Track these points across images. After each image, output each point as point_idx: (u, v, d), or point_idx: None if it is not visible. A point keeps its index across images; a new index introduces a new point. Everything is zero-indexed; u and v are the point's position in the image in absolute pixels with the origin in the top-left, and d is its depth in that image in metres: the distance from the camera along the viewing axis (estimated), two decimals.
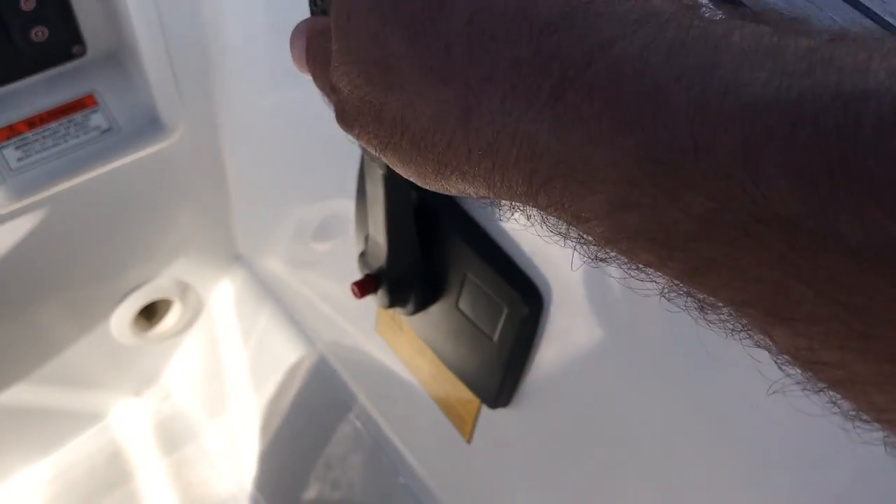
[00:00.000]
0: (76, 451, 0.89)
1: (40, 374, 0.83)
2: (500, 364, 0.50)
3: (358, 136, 0.25)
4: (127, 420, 0.92)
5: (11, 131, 0.67)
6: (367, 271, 0.53)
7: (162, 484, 0.88)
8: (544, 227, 0.22)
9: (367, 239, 0.53)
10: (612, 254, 0.19)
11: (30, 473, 0.88)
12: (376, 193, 0.45)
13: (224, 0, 0.63)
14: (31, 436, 0.88)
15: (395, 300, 0.53)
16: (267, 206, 0.79)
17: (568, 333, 0.47)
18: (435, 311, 0.54)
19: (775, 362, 0.18)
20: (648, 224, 0.17)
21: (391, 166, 0.25)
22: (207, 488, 0.87)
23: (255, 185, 0.78)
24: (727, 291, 0.17)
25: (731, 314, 0.18)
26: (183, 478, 0.88)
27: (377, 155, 0.25)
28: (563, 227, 0.21)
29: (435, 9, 0.21)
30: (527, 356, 0.50)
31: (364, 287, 0.52)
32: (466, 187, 0.22)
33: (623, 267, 0.20)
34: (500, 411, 0.55)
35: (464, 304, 0.51)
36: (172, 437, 0.91)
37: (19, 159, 0.66)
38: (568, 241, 0.21)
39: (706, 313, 0.19)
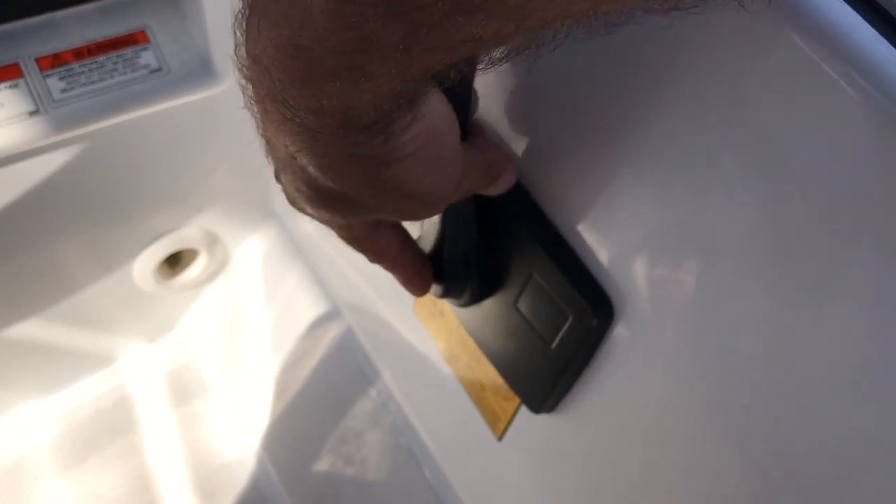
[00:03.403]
0: (84, 393, 0.87)
1: (56, 310, 0.81)
2: (554, 371, 0.48)
3: None
4: (138, 366, 0.90)
5: (57, 60, 0.64)
6: None
7: (168, 436, 0.86)
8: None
9: (423, 222, 0.50)
10: None
11: (34, 409, 0.86)
12: None
13: None
14: (40, 371, 0.86)
15: (449, 290, 0.50)
16: None
17: (633, 353, 0.44)
18: (489, 305, 0.51)
19: None
20: None
21: None
22: (214, 446, 0.85)
23: None
24: None
25: None
26: (190, 432, 0.86)
27: None
28: None
29: None
30: (583, 368, 0.47)
31: None
32: None
33: None
34: (540, 416, 0.53)
35: (523, 304, 0.48)
36: (183, 389, 0.89)
37: (63, 90, 0.64)
38: None
39: None
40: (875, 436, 0.33)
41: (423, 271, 0.46)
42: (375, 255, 0.42)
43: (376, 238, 0.41)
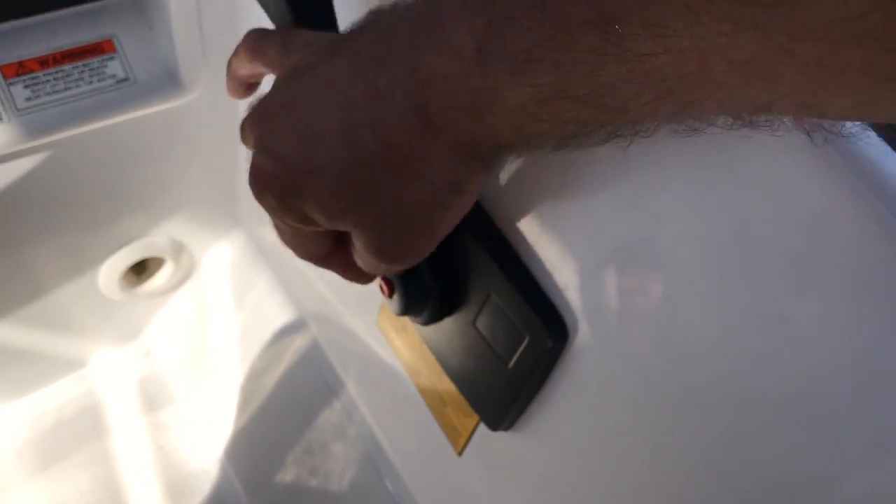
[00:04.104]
0: (49, 399, 0.87)
1: (23, 314, 0.81)
2: (510, 391, 0.48)
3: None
4: (104, 373, 0.90)
5: (22, 68, 0.64)
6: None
7: (134, 443, 0.86)
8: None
9: None
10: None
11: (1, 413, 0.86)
12: None
13: None
14: (6, 375, 0.85)
15: (408, 308, 0.50)
16: None
17: (587, 373, 0.45)
18: (448, 323, 0.52)
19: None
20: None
21: None
22: (180, 454, 0.85)
23: None
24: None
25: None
26: (156, 440, 0.86)
27: None
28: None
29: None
30: (539, 387, 0.48)
31: (389, 287, 0.50)
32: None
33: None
34: (499, 433, 0.53)
35: (481, 324, 0.48)
36: (149, 397, 0.89)
37: (27, 99, 0.63)
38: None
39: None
40: (817, 446, 0.34)
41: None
42: (306, 254, 0.41)
43: (315, 241, 0.40)
